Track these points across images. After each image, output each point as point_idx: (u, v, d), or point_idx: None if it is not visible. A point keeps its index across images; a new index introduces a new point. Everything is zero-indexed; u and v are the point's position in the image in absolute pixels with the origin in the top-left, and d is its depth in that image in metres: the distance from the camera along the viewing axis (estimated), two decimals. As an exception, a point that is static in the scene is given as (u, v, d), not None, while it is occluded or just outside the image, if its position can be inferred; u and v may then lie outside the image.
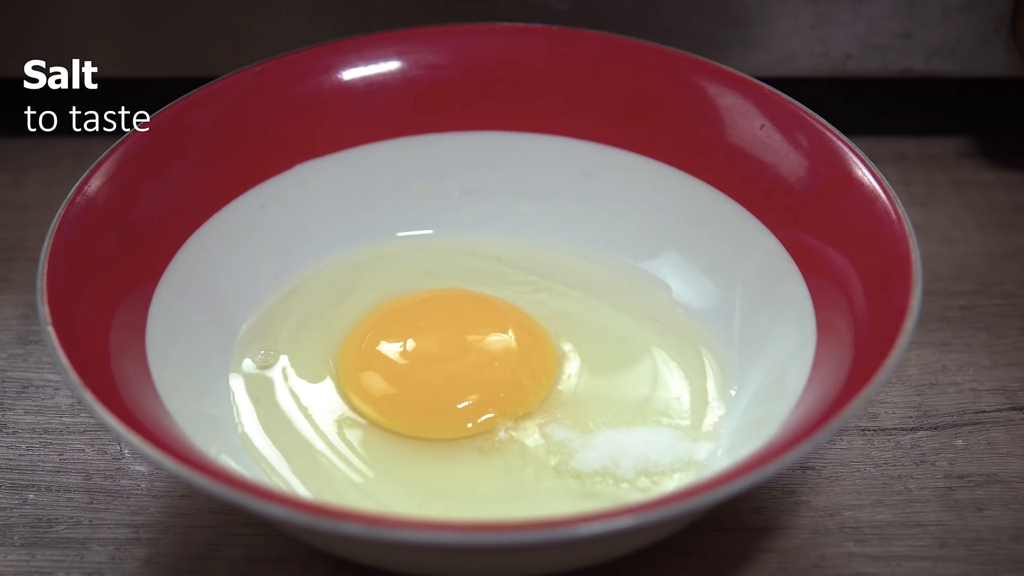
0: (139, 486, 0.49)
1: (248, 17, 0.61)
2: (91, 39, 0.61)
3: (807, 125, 0.52)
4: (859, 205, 0.48)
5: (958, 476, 0.49)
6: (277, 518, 0.39)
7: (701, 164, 0.54)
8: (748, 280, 0.52)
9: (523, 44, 0.56)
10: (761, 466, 0.39)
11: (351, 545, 0.42)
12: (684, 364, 0.51)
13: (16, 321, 0.56)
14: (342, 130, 0.56)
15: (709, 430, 0.48)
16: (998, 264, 0.59)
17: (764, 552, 0.47)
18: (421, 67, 0.56)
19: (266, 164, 0.54)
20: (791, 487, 0.49)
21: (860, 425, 0.51)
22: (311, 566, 0.46)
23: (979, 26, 0.61)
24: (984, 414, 0.52)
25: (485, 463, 0.48)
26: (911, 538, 0.47)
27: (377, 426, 0.49)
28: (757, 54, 0.62)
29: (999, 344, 0.55)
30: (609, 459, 0.47)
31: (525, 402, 0.49)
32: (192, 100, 0.53)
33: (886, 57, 0.62)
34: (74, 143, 0.59)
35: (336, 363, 0.51)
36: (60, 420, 0.52)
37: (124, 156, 0.50)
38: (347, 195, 0.56)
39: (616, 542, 0.43)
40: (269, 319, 0.53)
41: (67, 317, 0.44)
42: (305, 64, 0.55)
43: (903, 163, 0.65)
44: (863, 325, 0.45)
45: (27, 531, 0.48)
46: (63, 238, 0.46)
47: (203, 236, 0.52)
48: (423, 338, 0.51)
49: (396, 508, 0.46)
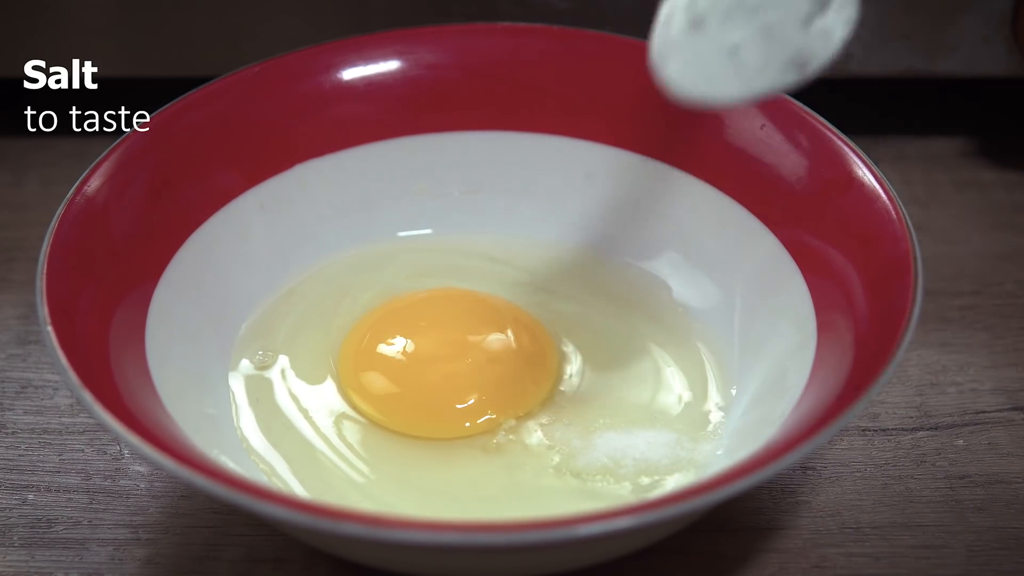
0: (139, 486, 0.49)
1: (248, 17, 0.61)
2: (91, 39, 0.61)
3: (807, 125, 0.52)
4: (859, 205, 0.48)
5: (958, 476, 0.49)
6: (277, 518, 0.39)
7: (701, 164, 0.54)
8: (748, 280, 0.52)
9: (523, 44, 0.56)
10: (761, 466, 0.39)
11: (351, 545, 0.42)
12: (684, 364, 0.51)
13: (16, 321, 0.56)
14: (342, 130, 0.56)
15: (709, 430, 0.48)
16: (998, 264, 0.59)
17: (765, 552, 0.47)
18: (421, 67, 0.56)
19: (266, 164, 0.54)
20: (791, 487, 0.49)
21: (860, 425, 0.51)
22: (311, 566, 0.46)
23: (979, 26, 0.61)
24: (984, 414, 0.52)
25: (486, 463, 0.48)
26: (911, 538, 0.47)
27: (377, 426, 0.49)
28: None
29: (999, 344, 0.55)
30: (610, 459, 0.47)
31: (525, 402, 0.49)
32: (192, 100, 0.53)
33: (886, 57, 0.62)
34: (74, 143, 0.59)
35: (336, 362, 0.51)
36: (59, 420, 0.52)
37: (124, 156, 0.50)
38: (347, 195, 0.56)
39: (616, 542, 0.43)
40: (268, 319, 0.53)
41: (67, 317, 0.43)
42: (305, 64, 0.55)
43: (903, 163, 0.65)
44: (863, 325, 0.45)
45: (26, 531, 0.48)
46: (63, 238, 0.46)
47: (203, 236, 0.52)
48: (423, 338, 0.51)
49: (396, 508, 0.46)
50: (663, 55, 0.42)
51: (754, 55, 0.42)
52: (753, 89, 0.42)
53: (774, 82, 0.42)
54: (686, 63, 0.42)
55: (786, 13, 0.42)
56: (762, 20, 0.42)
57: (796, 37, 0.42)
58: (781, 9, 0.42)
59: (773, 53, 0.42)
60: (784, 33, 0.42)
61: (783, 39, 0.42)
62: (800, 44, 0.42)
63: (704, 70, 0.42)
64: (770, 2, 0.42)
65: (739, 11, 0.42)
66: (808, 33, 0.42)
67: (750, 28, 0.42)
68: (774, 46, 0.42)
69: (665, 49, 0.42)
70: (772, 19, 0.42)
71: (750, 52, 0.42)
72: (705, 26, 0.42)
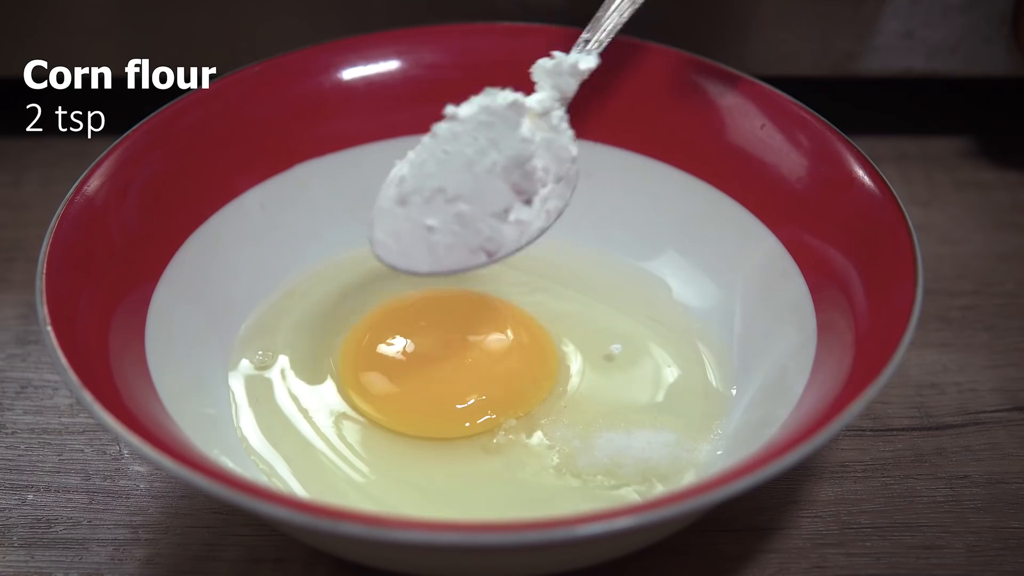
0: (138, 487, 0.49)
1: (248, 17, 0.61)
2: (91, 39, 0.61)
3: (807, 125, 0.52)
4: (860, 205, 0.48)
5: (958, 476, 0.49)
6: (277, 518, 0.39)
7: (701, 164, 0.54)
8: (748, 280, 0.52)
9: (523, 44, 0.56)
10: (761, 466, 0.39)
11: (351, 545, 0.42)
12: (684, 364, 0.51)
13: (15, 321, 0.56)
14: (342, 130, 0.56)
15: (709, 430, 0.48)
16: (999, 264, 0.59)
17: (765, 552, 0.47)
18: (421, 67, 0.56)
19: (266, 164, 0.54)
20: (791, 487, 0.49)
21: (861, 425, 0.51)
22: (311, 566, 0.46)
23: (980, 25, 0.61)
24: (985, 414, 0.52)
25: (486, 463, 0.48)
26: (911, 538, 0.47)
27: (377, 426, 0.49)
28: (757, 54, 0.62)
29: (999, 344, 0.55)
30: (610, 459, 0.47)
31: (525, 402, 0.49)
32: (192, 100, 0.53)
33: (886, 57, 0.62)
34: (74, 143, 0.59)
35: (336, 362, 0.51)
36: (59, 420, 0.52)
37: (123, 156, 0.50)
38: (347, 195, 0.56)
39: (616, 542, 0.43)
40: (268, 319, 0.53)
41: (66, 317, 0.43)
42: (305, 64, 0.55)
43: (903, 163, 0.65)
44: (864, 325, 0.45)
45: (26, 532, 0.48)
46: (62, 238, 0.46)
47: (203, 236, 0.52)
48: (423, 338, 0.51)
49: (396, 508, 0.46)
50: (372, 220, 0.46)
51: (446, 238, 0.45)
52: (442, 267, 0.46)
53: (462, 263, 0.46)
54: (386, 232, 0.46)
55: (481, 206, 0.45)
56: (457, 209, 0.45)
57: (488, 227, 0.46)
58: (477, 202, 0.45)
59: (464, 238, 0.46)
60: (476, 223, 0.45)
61: (475, 228, 0.46)
62: (491, 233, 0.46)
63: (400, 242, 0.46)
64: (468, 195, 0.45)
65: (439, 198, 0.45)
66: (504, 223, 0.46)
67: (446, 214, 0.45)
68: (466, 233, 0.46)
69: (375, 215, 0.46)
70: (465, 210, 0.45)
71: (443, 235, 0.45)
72: (409, 204, 0.45)
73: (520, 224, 0.46)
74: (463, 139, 0.45)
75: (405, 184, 0.46)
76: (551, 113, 0.47)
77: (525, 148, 0.45)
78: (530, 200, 0.46)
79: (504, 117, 0.45)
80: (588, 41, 0.51)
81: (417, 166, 0.46)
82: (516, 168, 0.45)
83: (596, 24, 0.51)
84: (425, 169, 0.45)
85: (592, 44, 0.51)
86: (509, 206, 0.46)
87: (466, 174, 0.45)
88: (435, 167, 0.45)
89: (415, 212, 0.46)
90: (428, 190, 0.45)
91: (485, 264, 0.46)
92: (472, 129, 0.45)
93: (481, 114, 0.45)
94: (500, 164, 0.45)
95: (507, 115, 0.45)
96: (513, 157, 0.45)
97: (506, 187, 0.46)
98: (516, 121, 0.45)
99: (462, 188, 0.45)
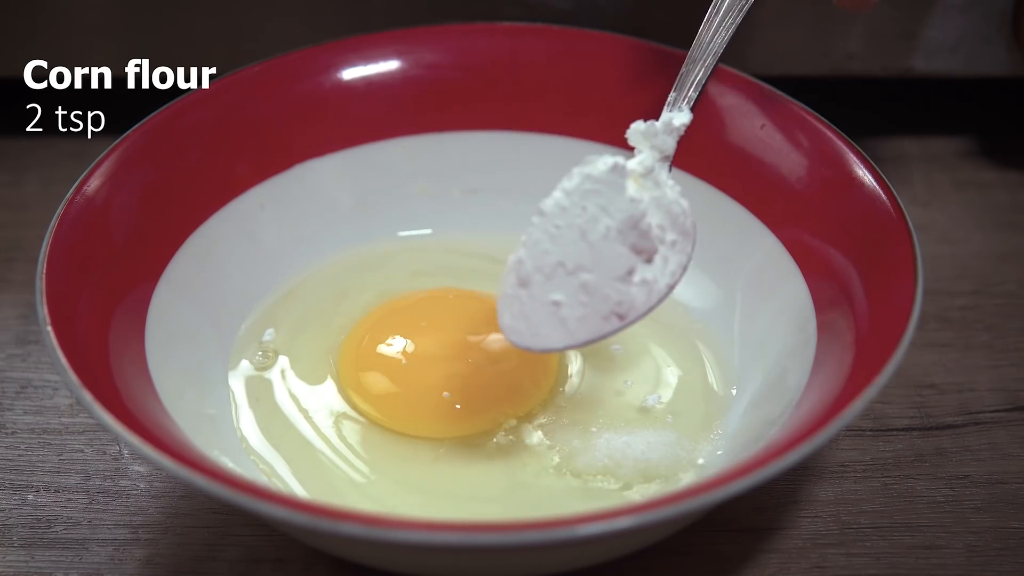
0: (138, 487, 0.49)
1: (248, 17, 0.61)
2: (91, 39, 0.61)
3: (807, 125, 0.52)
4: (859, 205, 0.48)
5: (959, 476, 0.49)
6: (277, 518, 0.39)
7: (701, 164, 0.53)
8: (748, 280, 0.52)
9: (523, 44, 0.56)
10: (761, 466, 0.39)
11: (351, 545, 0.42)
12: (684, 364, 0.51)
13: (15, 321, 0.56)
14: (342, 130, 0.56)
15: (709, 430, 0.48)
16: (999, 264, 0.59)
17: (765, 552, 0.47)
18: (421, 67, 0.56)
19: (266, 164, 0.54)
20: (792, 487, 0.49)
21: (861, 425, 0.51)
22: (311, 566, 0.46)
23: (980, 25, 0.61)
24: (985, 414, 0.52)
25: (486, 463, 0.48)
26: (911, 538, 0.47)
27: (377, 426, 0.49)
28: (757, 54, 0.62)
29: (999, 344, 0.55)
30: (610, 459, 0.47)
31: (525, 402, 0.49)
32: (192, 100, 0.53)
33: (886, 57, 0.62)
34: (74, 143, 0.59)
35: (336, 362, 0.51)
36: (59, 420, 0.52)
37: (123, 156, 0.50)
38: (347, 195, 0.56)
39: (616, 542, 0.43)
40: (268, 319, 0.53)
41: (66, 317, 0.43)
42: (305, 64, 0.55)
43: (903, 163, 0.65)
44: (864, 325, 0.45)
45: (26, 532, 0.48)
46: (62, 238, 0.46)
47: (203, 236, 0.52)
48: (423, 338, 0.51)
49: (396, 508, 0.45)
50: (499, 309, 0.46)
51: (575, 310, 0.45)
52: (576, 339, 0.45)
53: (596, 332, 0.45)
54: (514, 316, 0.46)
55: (603, 273, 0.45)
56: (581, 280, 0.45)
57: (615, 292, 0.45)
58: (599, 270, 0.45)
59: (593, 307, 0.45)
60: (602, 290, 0.45)
61: (601, 295, 0.45)
62: (620, 297, 0.45)
63: (530, 323, 0.45)
64: (588, 264, 0.45)
65: (560, 272, 0.45)
66: (629, 285, 0.46)
67: (570, 286, 0.45)
68: (594, 301, 0.45)
69: (500, 304, 0.46)
70: (588, 279, 0.45)
71: (571, 307, 0.45)
72: (531, 284, 0.45)
73: (646, 283, 0.46)
74: (572, 211, 0.45)
75: (523, 266, 0.45)
76: (653, 172, 0.47)
77: (635, 208, 0.45)
78: (651, 258, 0.46)
79: (607, 182, 0.45)
80: (676, 100, 0.51)
81: (532, 246, 0.45)
82: (631, 229, 0.45)
83: (682, 82, 0.51)
84: (540, 247, 0.45)
85: (682, 101, 0.51)
86: (632, 267, 0.46)
87: (582, 244, 0.45)
88: (550, 243, 0.45)
89: (538, 291, 0.45)
90: (548, 267, 0.45)
91: (620, 329, 0.46)
92: (579, 200, 0.45)
93: (584, 183, 0.45)
94: (614, 228, 0.45)
95: (610, 179, 0.45)
96: (625, 219, 0.45)
97: (625, 249, 0.45)
98: (620, 184, 0.45)
99: (581, 258, 0.45)
